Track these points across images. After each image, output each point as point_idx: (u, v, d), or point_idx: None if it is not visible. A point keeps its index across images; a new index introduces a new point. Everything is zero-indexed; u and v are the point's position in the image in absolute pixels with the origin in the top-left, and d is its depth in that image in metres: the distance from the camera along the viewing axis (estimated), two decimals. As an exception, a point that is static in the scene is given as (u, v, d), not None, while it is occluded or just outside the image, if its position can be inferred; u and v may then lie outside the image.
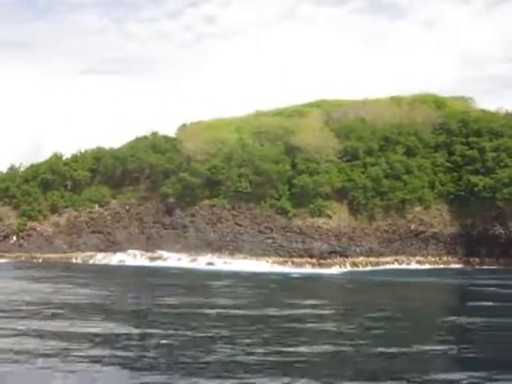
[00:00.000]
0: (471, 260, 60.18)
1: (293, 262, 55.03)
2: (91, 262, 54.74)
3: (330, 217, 60.11)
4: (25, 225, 60.39)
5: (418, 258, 59.69)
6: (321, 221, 59.36)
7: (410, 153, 64.71)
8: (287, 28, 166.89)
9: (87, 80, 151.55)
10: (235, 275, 42.15)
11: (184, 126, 70.21)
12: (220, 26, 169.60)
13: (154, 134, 68.10)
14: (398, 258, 59.10)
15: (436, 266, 57.90)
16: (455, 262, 60.06)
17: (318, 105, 76.17)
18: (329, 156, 63.43)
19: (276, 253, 56.61)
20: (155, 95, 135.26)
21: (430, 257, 60.58)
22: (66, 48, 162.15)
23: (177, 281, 38.67)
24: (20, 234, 60.10)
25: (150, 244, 59.79)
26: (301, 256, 56.32)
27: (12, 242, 59.83)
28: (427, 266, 57.44)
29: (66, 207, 62.24)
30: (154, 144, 66.17)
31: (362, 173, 62.42)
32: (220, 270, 47.54)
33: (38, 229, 60.37)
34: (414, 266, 57.74)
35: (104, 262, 54.28)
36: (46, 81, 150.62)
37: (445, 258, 60.79)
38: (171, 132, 70.48)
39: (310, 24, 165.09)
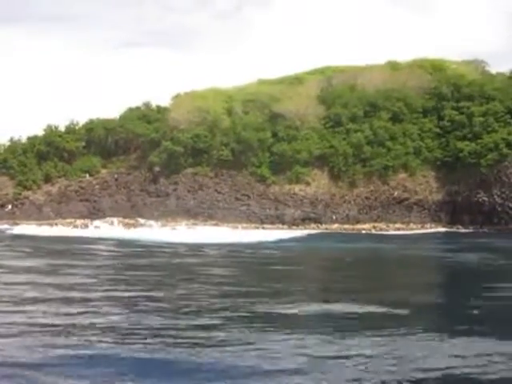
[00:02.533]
0: (455, 228, 59.08)
1: (264, 228, 55.81)
2: (70, 228, 57.00)
3: (308, 184, 60.42)
4: (20, 194, 63.82)
5: (397, 226, 59.08)
6: (297, 188, 59.81)
7: (396, 118, 63.73)
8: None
9: (125, 52, 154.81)
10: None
11: (178, 95, 71.46)
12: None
13: (146, 105, 69.77)
14: (376, 224, 58.71)
15: (413, 232, 56.82)
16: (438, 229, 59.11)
17: (322, 71, 75.85)
18: (311, 123, 63.42)
19: (248, 219, 57.68)
20: (184, 65, 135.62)
21: (411, 224, 59.88)
22: (105, 21, 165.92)
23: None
24: (15, 202, 63.53)
25: (134, 211, 61.95)
26: (272, 223, 57.10)
27: (7, 210, 63.35)
28: (402, 232, 56.45)
29: (59, 177, 65.20)
30: (145, 114, 68.00)
31: (344, 139, 62.11)
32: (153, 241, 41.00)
33: (31, 198, 63.70)
34: (391, 232, 57.02)
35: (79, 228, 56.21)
36: (84, 53, 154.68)
37: (428, 226, 59.94)
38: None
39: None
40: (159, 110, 69.49)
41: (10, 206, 63.57)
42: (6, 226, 55.07)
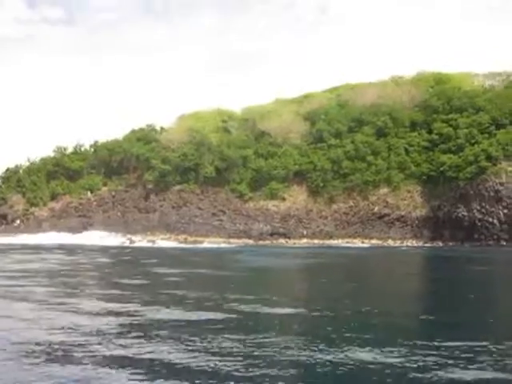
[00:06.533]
0: (435, 244, 56.84)
1: (229, 243, 56.72)
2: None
3: (283, 199, 60.71)
4: (27, 210, 69.14)
5: (373, 242, 57.74)
6: (271, 204, 60.27)
7: (380, 133, 62.66)
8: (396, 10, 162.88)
9: (205, 78, 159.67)
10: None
11: (182, 116, 74.41)
12: (332, 15, 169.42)
13: (149, 126, 73.26)
14: (349, 240, 57.75)
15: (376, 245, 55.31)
16: (418, 246, 57.10)
17: (336, 89, 76.07)
18: (294, 139, 63.87)
19: (218, 234, 58.79)
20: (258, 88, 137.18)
21: (390, 240, 58.33)
22: (184, 48, 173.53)
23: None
24: (22, 218, 68.94)
25: (125, 226, 65.06)
26: (239, 237, 57.90)
27: (16, 224, 68.84)
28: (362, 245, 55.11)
29: (64, 194, 69.91)
30: (145, 135, 71.49)
31: (324, 155, 61.94)
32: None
33: (36, 214, 68.75)
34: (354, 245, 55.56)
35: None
36: (165, 81, 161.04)
37: (409, 242, 58.08)
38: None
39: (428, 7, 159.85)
40: (162, 131, 72.68)
41: (18, 221, 69.01)
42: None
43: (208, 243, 55.28)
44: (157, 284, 18.77)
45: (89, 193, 69.51)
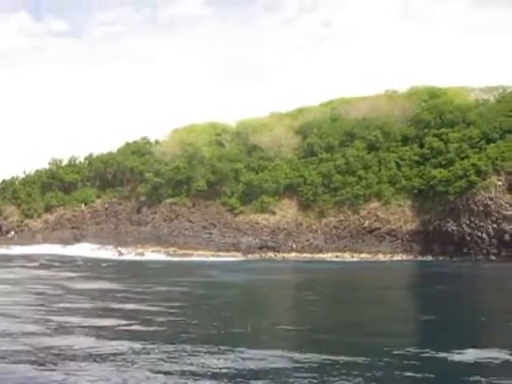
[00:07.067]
0: (425, 258, 56.66)
1: (218, 256, 56.85)
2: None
3: (273, 213, 60.80)
4: (22, 222, 69.68)
5: (362, 256, 57.61)
6: (261, 217, 60.38)
7: (372, 147, 62.77)
8: (399, 26, 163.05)
9: (203, 90, 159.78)
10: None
11: (176, 130, 74.91)
12: (336, 29, 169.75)
13: (144, 139, 73.77)
14: (338, 254, 57.66)
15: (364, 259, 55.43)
16: (409, 260, 56.97)
17: (331, 103, 76.37)
18: (285, 153, 64.10)
19: (207, 247, 58.97)
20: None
21: (380, 254, 58.18)
22: (183, 61, 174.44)
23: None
24: (17, 229, 69.47)
25: (117, 239, 65.40)
26: (228, 250, 58.01)
27: (10, 236, 69.37)
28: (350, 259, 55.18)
29: (58, 206, 70.42)
30: (139, 148, 71.99)
31: (315, 169, 62.09)
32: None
33: (30, 225, 69.28)
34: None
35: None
36: (163, 93, 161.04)
37: (399, 257, 57.92)
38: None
39: (426, 21, 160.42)
40: (156, 143, 73.17)
41: (12, 233, 69.53)
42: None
43: (196, 256, 55.65)
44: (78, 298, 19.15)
45: (82, 205, 69.97)
